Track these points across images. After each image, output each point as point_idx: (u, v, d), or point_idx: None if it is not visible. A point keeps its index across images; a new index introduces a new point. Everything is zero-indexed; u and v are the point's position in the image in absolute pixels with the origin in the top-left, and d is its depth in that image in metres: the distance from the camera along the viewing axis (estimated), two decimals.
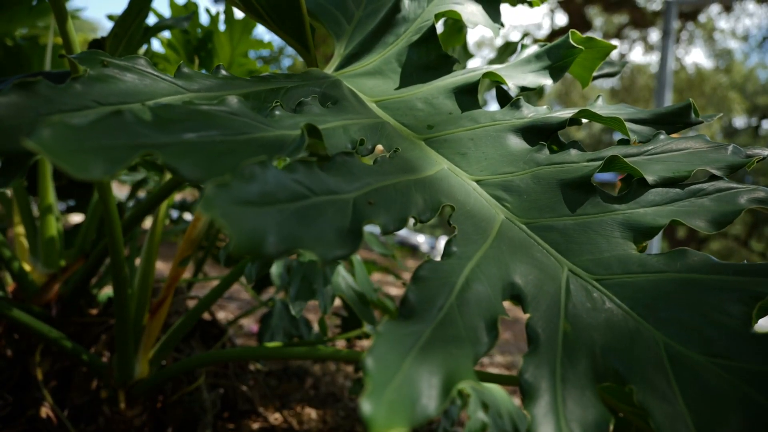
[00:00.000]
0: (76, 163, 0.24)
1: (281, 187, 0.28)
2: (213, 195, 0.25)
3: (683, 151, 0.50)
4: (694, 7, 10.10)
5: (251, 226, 0.25)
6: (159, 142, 0.28)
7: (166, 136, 0.29)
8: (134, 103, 0.36)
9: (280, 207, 0.27)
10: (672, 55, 8.61)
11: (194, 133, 0.31)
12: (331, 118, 0.44)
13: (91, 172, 0.24)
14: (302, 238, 0.27)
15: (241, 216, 0.25)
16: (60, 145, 0.24)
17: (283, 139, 0.35)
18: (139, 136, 0.28)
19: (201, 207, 0.24)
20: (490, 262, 0.37)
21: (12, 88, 0.30)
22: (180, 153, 0.28)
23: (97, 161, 0.25)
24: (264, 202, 0.27)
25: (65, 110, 0.32)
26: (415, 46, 0.65)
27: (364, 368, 0.23)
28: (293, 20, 0.63)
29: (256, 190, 0.27)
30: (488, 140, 0.53)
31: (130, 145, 0.27)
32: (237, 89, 0.45)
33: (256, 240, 0.25)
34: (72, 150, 0.24)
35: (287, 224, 0.27)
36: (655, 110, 0.57)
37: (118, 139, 0.27)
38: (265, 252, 0.25)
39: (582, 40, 0.63)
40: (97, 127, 0.26)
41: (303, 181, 0.30)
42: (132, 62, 0.39)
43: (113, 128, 0.27)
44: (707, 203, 0.44)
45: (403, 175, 0.42)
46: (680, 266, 0.39)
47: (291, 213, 0.28)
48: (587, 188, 0.46)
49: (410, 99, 0.60)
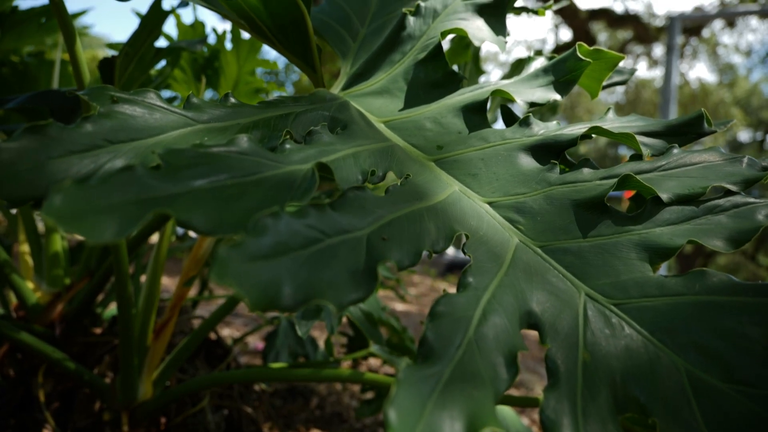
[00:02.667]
0: (88, 228, 0.24)
1: (294, 235, 0.28)
2: (226, 257, 0.24)
3: (697, 165, 0.49)
4: (698, 23, 10.14)
5: (265, 280, 0.25)
6: (170, 193, 0.28)
7: (177, 185, 0.29)
8: (145, 138, 0.35)
9: (293, 255, 0.27)
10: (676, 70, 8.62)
11: (204, 179, 0.30)
12: (341, 146, 0.44)
13: (104, 236, 0.24)
14: (317, 285, 0.26)
15: (255, 272, 0.25)
16: (72, 210, 0.24)
17: (293, 176, 0.35)
18: (150, 189, 0.28)
19: (214, 275, 0.23)
20: (507, 291, 0.36)
21: (23, 132, 0.30)
22: (191, 204, 0.28)
23: (109, 223, 0.25)
24: (277, 252, 0.27)
25: (76, 151, 0.32)
26: (422, 64, 0.65)
27: (386, 420, 0.22)
28: (299, 41, 0.62)
29: (269, 242, 0.27)
30: (499, 160, 0.52)
31: (142, 201, 0.27)
32: (247, 117, 0.44)
33: (270, 293, 0.25)
34: (84, 213, 0.24)
35: (302, 272, 0.27)
36: (667, 122, 0.56)
37: (129, 195, 0.27)
38: (282, 305, 0.24)
39: (589, 52, 0.62)
40: (108, 185, 0.26)
41: (315, 224, 0.30)
42: (141, 96, 0.39)
43: (124, 184, 0.27)
44: (724, 220, 0.43)
45: (415, 203, 0.41)
46: (699, 288, 0.38)
47: (305, 259, 0.28)
48: (601, 208, 0.45)
49: (419, 119, 0.59)
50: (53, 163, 0.31)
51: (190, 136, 0.40)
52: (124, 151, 0.35)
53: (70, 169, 0.32)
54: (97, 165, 0.33)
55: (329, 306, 0.26)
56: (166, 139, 0.38)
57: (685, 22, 9.68)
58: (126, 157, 0.35)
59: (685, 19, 9.47)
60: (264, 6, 0.58)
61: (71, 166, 0.32)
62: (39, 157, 0.31)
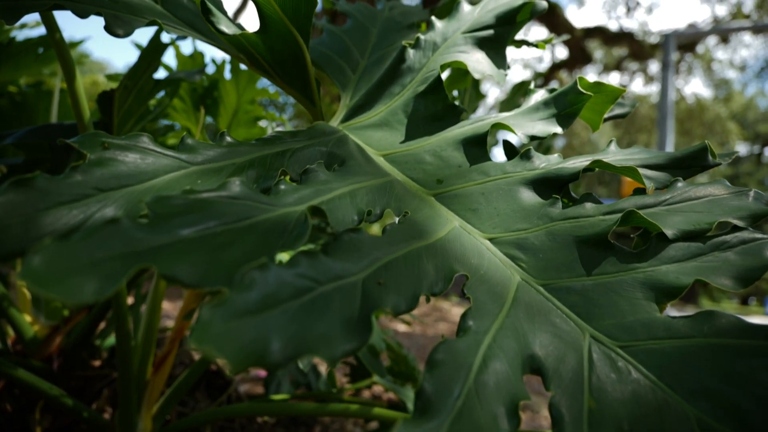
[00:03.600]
0: (66, 289, 0.23)
1: (283, 286, 0.27)
2: (208, 319, 0.23)
3: (703, 199, 0.48)
4: (692, 39, 10.25)
5: (251, 337, 0.23)
6: (155, 245, 0.27)
7: (163, 235, 0.28)
8: (136, 184, 0.35)
9: (282, 307, 0.26)
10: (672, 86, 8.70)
11: (192, 227, 0.29)
12: (337, 184, 0.43)
13: (83, 296, 0.23)
14: (308, 338, 0.25)
15: (239, 330, 0.24)
16: (50, 270, 0.23)
17: (286, 219, 0.34)
18: (135, 242, 0.27)
19: (193, 340, 0.22)
20: (508, 335, 0.35)
21: (9, 186, 0.29)
22: (176, 256, 0.27)
23: (89, 281, 0.23)
24: (265, 306, 0.25)
25: (65, 202, 0.31)
26: (422, 96, 0.65)
27: None
28: (298, 75, 0.62)
29: (256, 296, 0.26)
30: (500, 194, 0.52)
31: (126, 255, 0.26)
32: (242, 156, 0.44)
33: (257, 351, 0.23)
34: (62, 272, 0.23)
35: (292, 325, 0.25)
36: (671, 154, 0.56)
37: (112, 249, 0.25)
38: (268, 362, 0.23)
39: (590, 85, 0.62)
40: (91, 240, 0.25)
41: (306, 273, 0.29)
42: (134, 140, 0.38)
43: (108, 238, 0.26)
44: (732, 257, 0.42)
45: (413, 242, 0.40)
46: (708, 330, 0.37)
47: (295, 311, 0.26)
48: (605, 245, 0.45)
49: (418, 152, 0.59)
50: (41, 216, 0.30)
51: (183, 179, 0.39)
52: (114, 198, 0.34)
53: (59, 221, 0.31)
54: (86, 215, 0.32)
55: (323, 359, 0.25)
56: (159, 183, 0.37)
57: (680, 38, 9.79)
58: (117, 205, 0.34)
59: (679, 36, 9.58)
60: (263, 41, 0.58)
61: (60, 218, 0.31)
62: (26, 211, 0.30)
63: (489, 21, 0.70)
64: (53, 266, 0.23)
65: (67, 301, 0.22)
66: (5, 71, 1.37)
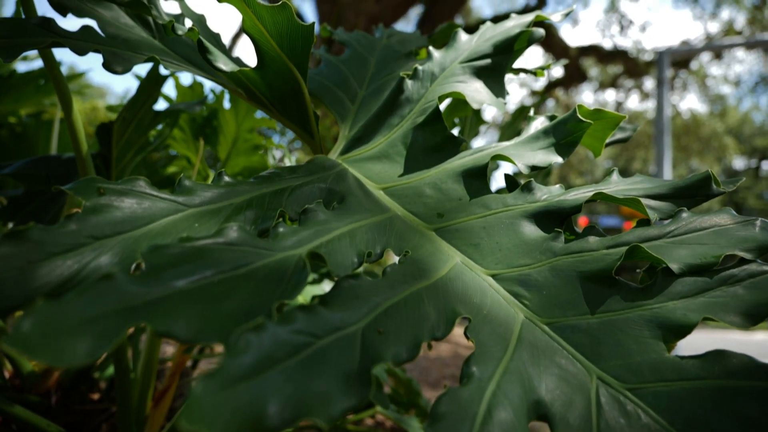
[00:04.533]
0: (56, 351, 0.22)
1: (280, 345, 0.26)
2: (201, 393, 0.22)
3: (708, 230, 0.47)
4: (686, 56, 10.34)
5: (245, 404, 0.22)
6: (150, 298, 0.26)
7: (158, 288, 0.27)
8: (132, 230, 0.34)
9: (279, 368, 0.25)
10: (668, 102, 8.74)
11: (188, 278, 0.29)
12: (336, 224, 0.43)
13: (75, 357, 0.22)
14: (306, 399, 0.24)
15: (233, 398, 0.23)
16: (41, 332, 0.22)
17: (285, 265, 0.34)
18: (129, 297, 0.26)
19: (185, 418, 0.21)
20: (513, 380, 0.35)
21: (2, 239, 0.29)
22: (172, 310, 0.26)
23: (81, 342, 0.23)
24: (261, 368, 0.25)
25: (59, 252, 0.30)
26: (421, 128, 0.65)
27: None
28: (297, 109, 0.62)
29: (251, 360, 0.25)
30: (501, 228, 0.51)
31: (120, 311, 0.25)
32: (240, 196, 0.43)
33: (252, 418, 0.22)
34: (54, 334, 0.22)
35: (288, 386, 0.24)
36: (673, 183, 0.55)
37: (106, 306, 0.25)
38: (267, 427, 0.22)
39: (589, 113, 0.62)
40: (84, 297, 0.25)
41: (304, 328, 0.28)
42: (130, 185, 0.38)
43: (101, 294, 0.25)
44: (740, 292, 0.41)
45: (415, 283, 0.39)
46: (719, 371, 0.36)
47: (293, 369, 0.25)
48: (610, 281, 0.44)
49: (418, 185, 0.58)
50: (35, 269, 0.30)
51: (180, 222, 0.39)
52: (110, 246, 0.34)
53: (53, 272, 0.30)
54: (81, 264, 0.32)
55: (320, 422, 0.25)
56: (155, 228, 0.37)
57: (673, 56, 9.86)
58: (112, 253, 0.33)
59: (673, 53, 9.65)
60: (260, 77, 0.58)
61: (54, 269, 0.30)
62: (19, 264, 0.29)
63: (486, 50, 0.70)
64: (43, 329, 0.23)
65: (57, 365, 0.21)
66: (6, 103, 1.38)
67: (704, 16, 13.49)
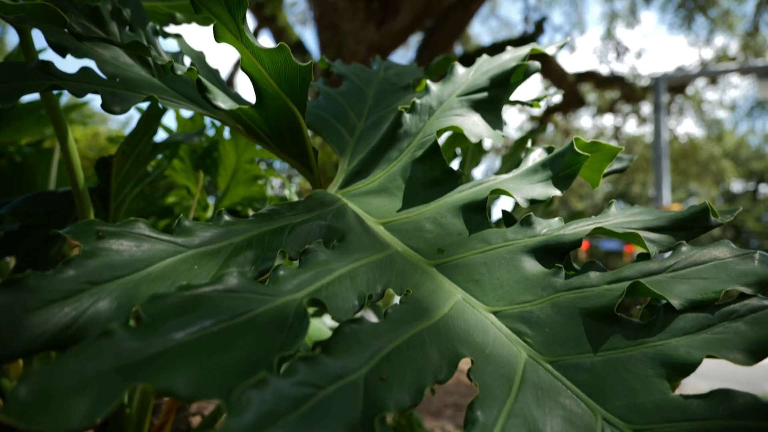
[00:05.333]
0: (53, 417, 0.21)
1: (282, 400, 0.26)
2: None
3: (708, 263, 0.47)
4: (681, 82, 10.46)
5: None
6: (150, 353, 0.26)
7: (157, 342, 0.27)
8: (131, 274, 0.34)
9: (282, 422, 0.25)
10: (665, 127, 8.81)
11: (187, 329, 0.29)
12: (337, 264, 0.42)
13: (72, 421, 0.21)
14: None
15: None
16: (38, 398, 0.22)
17: (285, 311, 0.33)
18: (128, 354, 0.26)
19: None
20: (518, 423, 0.34)
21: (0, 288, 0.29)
22: (171, 366, 0.26)
23: (79, 404, 0.22)
24: (263, 425, 0.24)
25: (56, 300, 0.30)
26: (419, 161, 0.65)
27: None
28: (295, 145, 0.62)
29: (253, 417, 0.24)
30: (502, 264, 0.51)
31: (118, 369, 0.25)
32: (240, 236, 0.43)
33: None
34: (51, 398, 0.22)
35: None
36: (672, 215, 0.55)
37: (104, 365, 0.24)
38: None
39: (586, 145, 0.62)
40: (82, 357, 0.24)
41: (306, 379, 0.28)
42: (129, 227, 0.38)
43: (99, 352, 0.25)
44: (742, 328, 0.41)
45: (416, 324, 0.39)
46: (724, 412, 0.36)
47: (295, 423, 0.25)
48: (611, 318, 0.43)
49: (418, 219, 0.58)
50: (31, 317, 0.29)
51: (179, 265, 0.38)
52: (108, 291, 0.33)
53: (50, 320, 0.30)
54: (78, 311, 0.31)
55: None
56: (154, 271, 0.37)
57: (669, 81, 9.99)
58: (110, 298, 0.33)
59: (668, 79, 9.78)
60: (259, 114, 0.59)
61: (51, 317, 0.30)
62: (17, 313, 0.29)
63: (483, 83, 0.70)
64: (39, 395, 0.22)
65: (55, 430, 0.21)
66: (7, 133, 1.38)
67: (698, 43, 13.69)
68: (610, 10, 11.33)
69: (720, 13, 10.15)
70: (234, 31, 0.50)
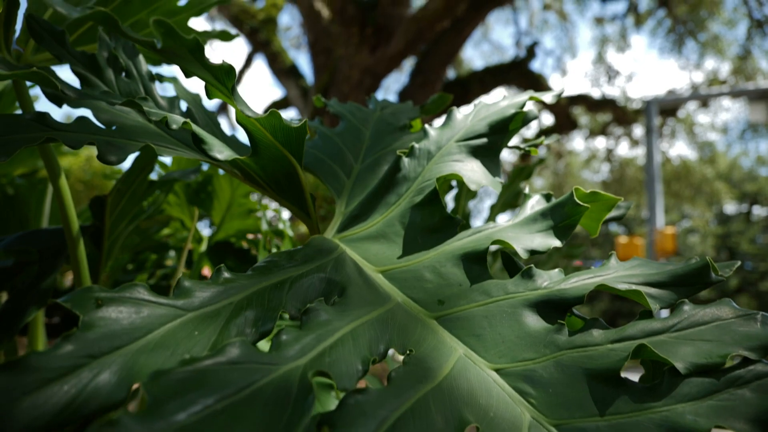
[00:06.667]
0: None
1: None
2: None
3: (710, 324, 0.47)
4: (673, 105, 10.59)
5: None
6: None
7: (161, 425, 0.26)
8: (131, 344, 0.33)
9: None
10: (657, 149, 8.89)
11: (190, 408, 0.28)
12: (339, 323, 0.42)
13: None
14: None
15: None
16: None
17: (289, 382, 0.33)
18: None
19: None
20: None
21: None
22: None
23: None
24: None
25: (54, 378, 0.29)
26: (418, 208, 0.64)
27: None
28: (293, 190, 0.62)
29: None
30: (503, 318, 0.50)
31: None
32: (239, 293, 0.43)
33: None
34: None
35: None
36: (673, 271, 0.55)
37: None
38: None
39: (586, 196, 0.62)
40: None
41: None
42: (129, 292, 0.37)
43: None
44: (748, 395, 0.41)
45: (420, 387, 0.38)
46: None
47: None
48: (616, 381, 0.43)
49: (417, 267, 0.58)
50: (28, 400, 0.28)
51: (179, 330, 0.38)
52: (108, 363, 0.33)
53: (49, 401, 0.29)
54: (78, 389, 0.30)
55: None
56: (154, 339, 0.36)
57: (661, 104, 10.12)
58: (110, 371, 0.32)
59: (660, 102, 9.91)
60: (256, 163, 0.58)
61: (50, 398, 0.29)
62: (13, 396, 0.28)
63: (482, 129, 0.70)
64: None
65: None
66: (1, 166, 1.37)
67: (689, 66, 13.91)
68: (601, 34, 11.51)
69: (710, 38, 10.32)
70: (226, 93, 0.50)
